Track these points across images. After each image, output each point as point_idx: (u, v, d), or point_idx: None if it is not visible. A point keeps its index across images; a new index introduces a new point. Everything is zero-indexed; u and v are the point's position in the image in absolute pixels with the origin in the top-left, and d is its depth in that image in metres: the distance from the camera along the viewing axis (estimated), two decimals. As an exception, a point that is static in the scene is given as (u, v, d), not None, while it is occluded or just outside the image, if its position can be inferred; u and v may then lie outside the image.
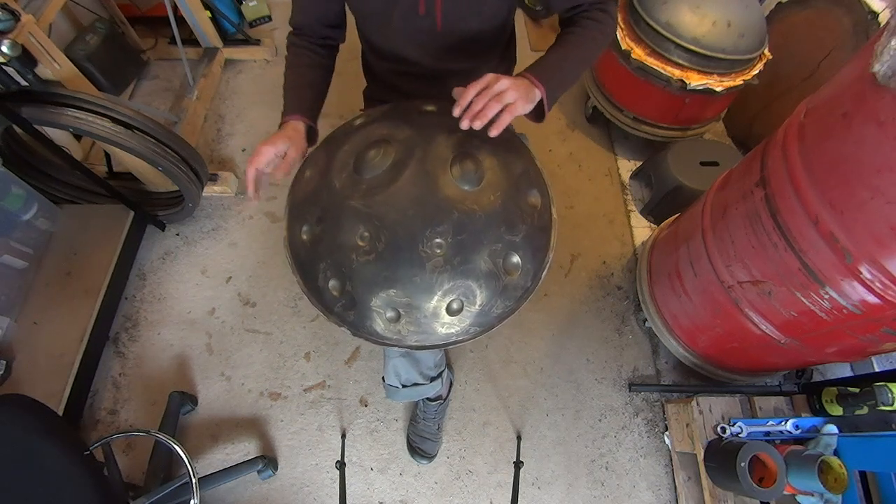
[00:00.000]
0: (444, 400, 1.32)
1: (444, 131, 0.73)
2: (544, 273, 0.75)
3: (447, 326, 0.69)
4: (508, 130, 0.83)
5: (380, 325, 0.69)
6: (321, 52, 0.93)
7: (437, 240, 0.66)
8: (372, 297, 0.67)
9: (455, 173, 0.69)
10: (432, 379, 1.08)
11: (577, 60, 0.82)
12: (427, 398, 1.29)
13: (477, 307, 0.69)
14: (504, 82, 0.68)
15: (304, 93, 0.90)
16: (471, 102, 0.68)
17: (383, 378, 1.07)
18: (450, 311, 0.68)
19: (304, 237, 0.73)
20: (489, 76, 0.69)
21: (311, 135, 0.87)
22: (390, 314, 0.68)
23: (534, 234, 0.73)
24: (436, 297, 0.66)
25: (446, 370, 1.17)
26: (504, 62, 1.02)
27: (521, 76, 0.74)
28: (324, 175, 0.74)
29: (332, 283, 0.70)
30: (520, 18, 2.46)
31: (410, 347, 0.72)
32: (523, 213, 0.72)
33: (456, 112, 0.68)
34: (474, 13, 0.84)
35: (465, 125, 0.67)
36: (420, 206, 0.67)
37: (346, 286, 0.68)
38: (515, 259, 0.70)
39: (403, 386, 1.06)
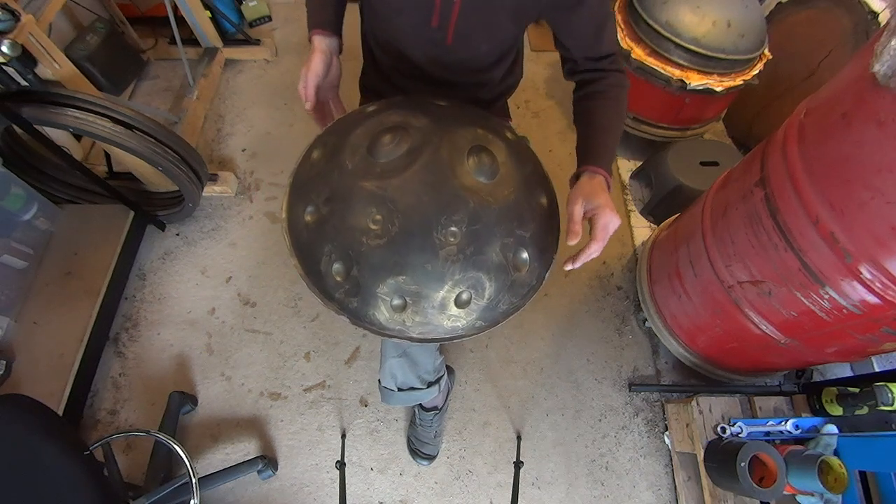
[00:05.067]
0: (440, 411, 1.29)
1: (459, 123, 0.73)
2: (548, 274, 0.75)
3: (453, 319, 0.68)
4: (516, 134, 0.84)
5: (384, 315, 0.67)
6: None
7: (452, 228, 0.64)
8: (379, 283, 0.65)
9: (471, 164, 0.68)
10: (430, 384, 1.05)
11: (618, 136, 0.86)
12: (422, 407, 1.28)
13: (485, 301, 0.68)
14: (616, 220, 0.72)
15: (325, 1, 0.86)
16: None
17: (379, 380, 1.05)
18: (458, 303, 0.67)
19: (308, 218, 0.70)
20: (611, 220, 0.71)
21: (340, 46, 0.87)
22: (397, 302, 0.66)
23: (542, 234, 0.73)
24: (446, 287, 0.65)
25: (445, 377, 1.14)
26: (510, 76, 1.00)
27: (598, 178, 0.77)
28: (334, 156, 0.72)
29: (335, 267, 0.67)
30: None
31: (412, 340, 0.70)
32: (534, 211, 0.72)
33: (574, 263, 0.72)
34: (487, 36, 0.83)
35: (569, 268, 0.73)
36: (436, 192, 0.66)
37: (353, 270, 0.66)
38: (525, 255, 0.70)
39: (399, 389, 1.03)
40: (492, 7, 0.77)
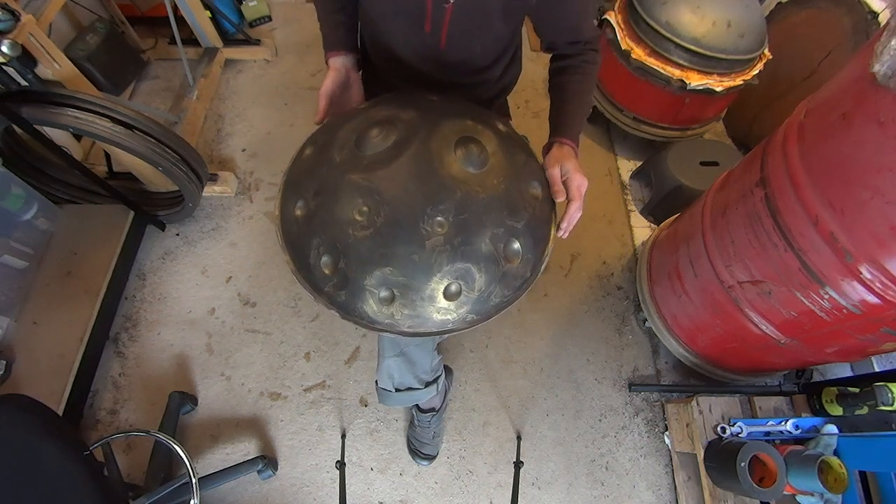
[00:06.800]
0: (437, 412, 1.29)
1: (448, 115, 0.73)
2: (543, 265, 0.75)
3: (443, 312, 0.67)
4: (510, 127, 0.83)
5: (372, 307, 0.67)
6: None
7: (439, 218, 0.64)
8: (366, 275, 0.65)
9: (459, 154, 0.68)
10: (427, 384, 1.05)
11: (588, 108, 0.92)
12: (419, 408, 1.27)
13: (475, 293, 0.67)
14: (584, 184, 0.78)
15: (337, 19, 0.88)
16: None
17: (376, 381, 1.05)
18: (447, 295, 0.66)
19: (298, 213, 0.70)
20: (582, 181, 0.77)
21: (357, 62, 0.91)
22: (384, 294, 0.65)
23: (535, 224, 0.72)
24: (434, 279, 0.64)
25: (443, 377, 1.14)
26: (507, 73, 1.01)
27: (566, 147, 0.83)
28: (323, 151, 0.72)
29: (324, 260, 0.67)
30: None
31: (403, 334, 0.69)
32: (525, 201, 0.71)
33: (564, 235, 0.79)
34: (480, 38, 0.84)
35: (562, 235, 0.79)
36: (422, 182, 0.65)
37: (340, 263, 0.66)
38: (516, 246, 0.69)
39: (397, 390, 1.03)
40: (483, 10, 0.77)
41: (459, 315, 0.68)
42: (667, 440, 1.41)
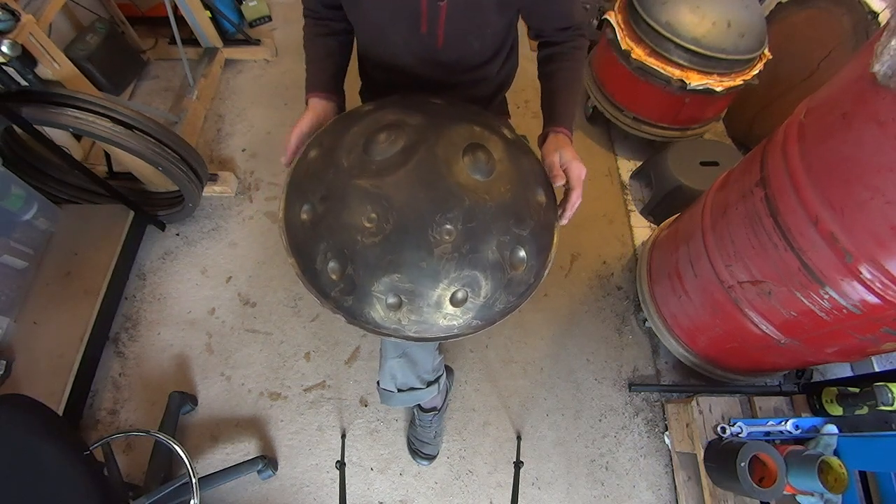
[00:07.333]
0: (439, 411, 1.29)
1: (455, 121, 0.73)
2: (546, 271, 0.75)
3: (449, 318, 0.68)
4: (515, 132, 0.84)
5: (379, 313, 0.67)
6: (336, 17, 0.91)
7: (447, 226, 0.64)
8: (374, 281, 0.65)
9: (467, 162, 0.68)
10: (429, 384, 1.05)
11: (579, 94, 0.93)
12: (421, 408, 1.28)
13: (481, 299, 0.68)
14: (583, 172, 0.79)
15: (324, 64, 0.89)
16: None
17: (378, 382, 1.05)
18: (454, 302, 0.66)
19: (305, 216, 0.70)
20: (582, 170, 0.79)
21: (339, 107, 0.90)
22: (392, 300, 0.66)
23: (539, 232, 0.72)
24: (441, 286, 0.65)
25: (444, 377, 1.14)
26: (505, 67, 1.01)
27: (561, 135, 0.84)
28: (330, 154, 0.72)
29: (331, 265, 0.67)
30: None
31: (408, 339, 0.70)
32: (531, 209, 0.72)
33: (566, 218, 0.81)
34: (476, 33, 0.85)
35: (563, 223, 0.80)
36: (431, 190, 0.65)
37: (347, 268, 0.66)
38: (522, 253, 0.69)
39: (399, 390, 1.03)
40: (478, 4, 0.78)
41: (465, 321, 0.69)
42: (667, 440, 1.41)
